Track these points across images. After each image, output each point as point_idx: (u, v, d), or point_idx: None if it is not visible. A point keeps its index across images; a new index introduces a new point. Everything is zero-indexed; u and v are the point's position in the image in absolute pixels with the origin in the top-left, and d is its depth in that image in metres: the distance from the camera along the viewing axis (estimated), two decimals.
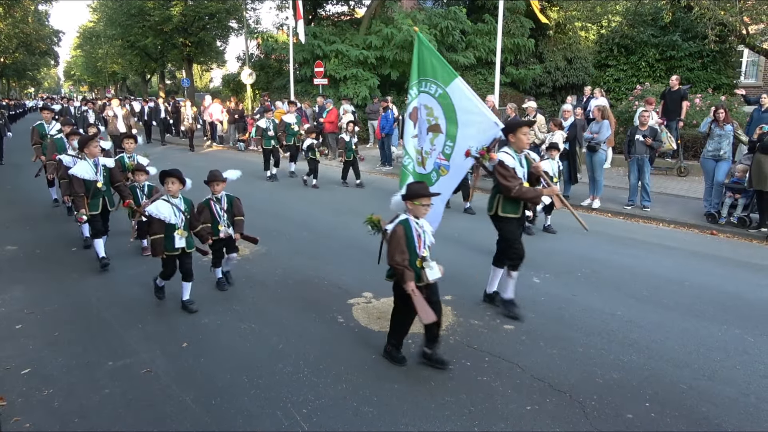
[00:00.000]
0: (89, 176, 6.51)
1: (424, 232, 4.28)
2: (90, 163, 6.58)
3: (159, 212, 5.12)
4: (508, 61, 21.62)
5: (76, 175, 6.41)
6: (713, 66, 19.52)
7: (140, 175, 6.92)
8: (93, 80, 64.90)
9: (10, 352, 4.65)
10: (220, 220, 5.71)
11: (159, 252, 5.22)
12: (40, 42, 44.20)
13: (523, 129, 5.23)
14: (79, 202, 6.43)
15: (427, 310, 3.99)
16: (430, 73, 5.57)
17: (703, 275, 6.59)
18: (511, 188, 5.02)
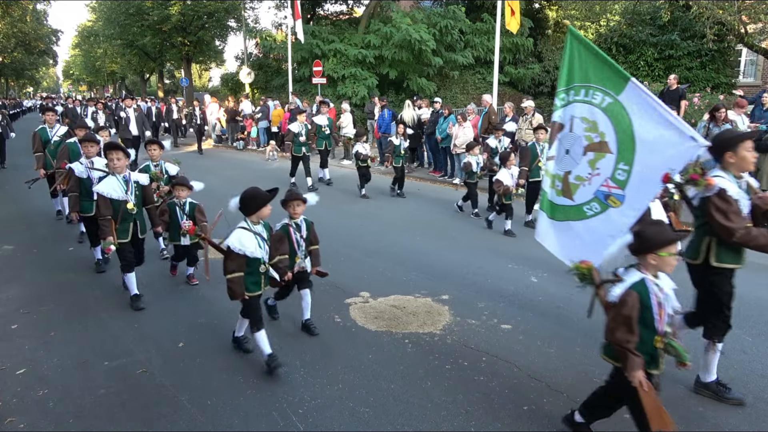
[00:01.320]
0: (118, 195, 5.29)
1: (666, 297, 3.13)
2: (119, 179, 5.34)
3: (244, 247, 4.03)
4: (506, 61, 21.63)
5: (102, 193, 5.22)
6: (712, 65, 19.52)
7: (181, 191, 5.91)
8: (92, 80, 64.89)
9: (5, 352, 4.63)
10: (298, 250, 4.72)
11: (239, 294, 4.10)
12: (38, 41, 44.18)
13: (747, 144, 3.83)
14: (105, 228, 5.18)
15: (663, 413, 2.99)
16: (593, 79, 4.28)
17: None
18: (734, 230, 3.63)
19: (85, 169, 6.33)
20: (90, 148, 6.39)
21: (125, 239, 5.41)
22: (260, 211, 4.11)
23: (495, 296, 5.79)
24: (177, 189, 5.92)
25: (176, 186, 5.94)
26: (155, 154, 6.77)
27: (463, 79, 22.50)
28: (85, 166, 6.37)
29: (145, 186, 5.65)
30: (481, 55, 22.01)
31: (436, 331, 5.00)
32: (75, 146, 7.57)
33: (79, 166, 6.37)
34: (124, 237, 5.38)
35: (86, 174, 6.28)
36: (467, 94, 21.92)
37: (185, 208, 5.92)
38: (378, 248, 7.57)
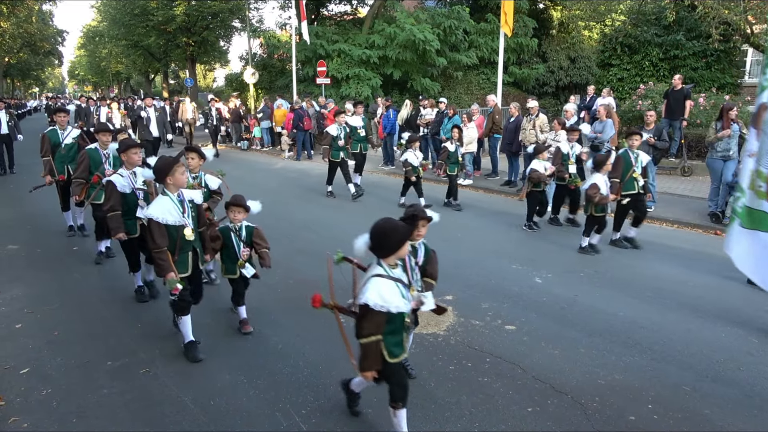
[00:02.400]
0: (174, 219, 4.30)
1: None
2: (174, 199, 4.35)
3: (387, 302, 3.03)
4: (510, 61, 21.58)
5: (156, 219, 4.21)
6: (717, 65, 19.43)
7: (237, 213, 4.85)
8: (97, 80, 65.15)
9: (9, 351, 4.64)
10: (413, 281, 3.81)
11: (375, 364, 3.18)
12: (44, 42, 44.33)
13: None
14: (164, 263, 4.21)
15: None
16: None
17: (706, 275, 6.53)
18: None
19: (128, 182, 5.39)
20: (133, 155, 5.42)
21: (185, 273, 4.44)
22: (400, 250, 3.13)
23: (499, 297, 5.77)
24: (232, 211, 4.86)
25: (231, 207, 4.87)
26: (194, 163, 5.61)
27: (467, 79, 22.45)
28: (128, 179, 5.41)
29: (200, 205, 4.66)
30: (485, 55, 21.96)
31: (439, 331, 4.98)
32: (95, 153, 6.70)
33: (119, 178, 5.37)
34: (183, 271, 4.42)
35: (129, 188, 5.39)
36: (471, 94, 21.88)
37: (241, 233, 4.91)
38: None
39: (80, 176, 6.63)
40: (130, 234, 5.46)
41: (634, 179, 7.43)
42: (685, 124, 12.86)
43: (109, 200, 5.30)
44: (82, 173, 6.62)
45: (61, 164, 7.75)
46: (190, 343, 4.50)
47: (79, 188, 6.63)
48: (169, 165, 4.27)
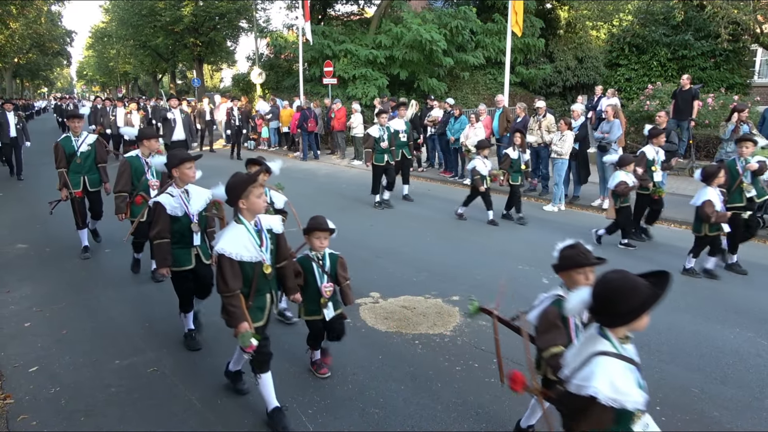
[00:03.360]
0: (250, 255, 3.38)
1: None
2: (250, 228, 3.42)
3: (622, 396, 2.16)
4: (517, 61, 21.54)
5: (229, 255, 3.30)
6: (726, 65, 19.32)
7: (323, 239, 3.97)
8: (105, 80, 65.48)
9: (18, 349, 4.67)
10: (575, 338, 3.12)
11: None
12: (52, 42, 44.63)
13: None
14: (235, 309, 3.30)
15: None
16: None
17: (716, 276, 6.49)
18: None
19: (180, 202, 4.38)
20: (187, 171, 4.39)
21: (260, 321, 3.49)
22: (639, 320, 2.31)
23: (506, 297, 5.73)
24: (316, 237, 3.94)
25: (315, 233, 3.95)
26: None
27: (473, 79, 22.43)
28: (179, 199, 4.39)
29: (280, 234, 3.66)
30: (492, 55, 21.94)
31: (446, 332, 4.98)
32: (137, 162, 5.96)
33: (169, 199, 4.35)
34: (258, 319, 3.48)
35: (182, 210, 4.38)
36: (478, 94, 21.86)
37: (325, 264, 4.00)
38: (388, 249, 7.56)
39: (123, 189, 5.87)
40: (182, 266, 4.44)
41: (740, 191, 6.76)
42: (693, 124, 12.79)
43: (156, 224, 4.29)
44: (125, 186, 5.87)
45: (77, 176, 6.92)
46: (276, 411, 3.57)
47: (123, 204, 5.89)
48: (244, 185, 3.33)
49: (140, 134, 6.23)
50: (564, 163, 9.83)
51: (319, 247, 3.97)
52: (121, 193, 5.89)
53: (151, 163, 5.85)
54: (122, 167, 5.93)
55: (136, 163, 5.99)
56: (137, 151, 6.06)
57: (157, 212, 4.31)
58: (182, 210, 4.38)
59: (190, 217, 4.44)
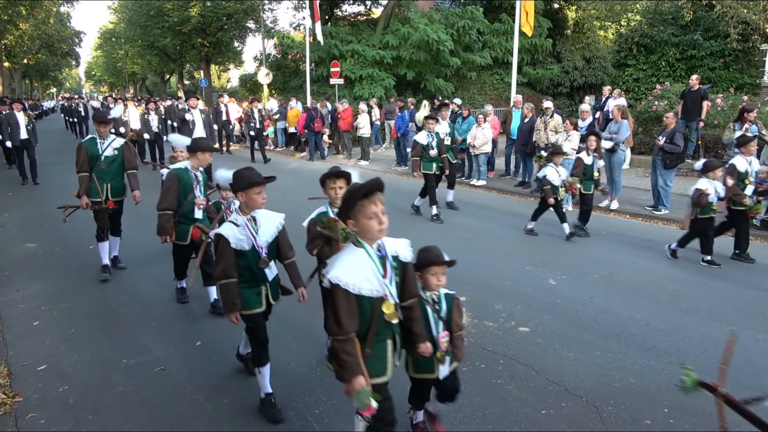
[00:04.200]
0: (372, 288, 2.62)
1: None
2: (372, 254, 2.67)
3: None
4: (524, 61, 21.49)
5: (346, 286, 2.57)
6: (735, 65, 19.20)
7: (440, 275, 3.13)
8: (113, 80, 65.93)
9: (27, 348, 4.70)
10: None
11: None
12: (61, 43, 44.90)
13: None
14: (351, 359, 2.56)
15: None
16: None
17: (724, 278, 6.45)
18: None
19: (246, 234, 3.56)
20: (255, 196, 3.57)
21: (382, 377, 2.79)
22: None
23: (512, 298, 5.74)
24: (426, 274, 3.09)
25: (431, 268, 3.08)
26: (342, 194, 3.75)
27: (480, 79, 22.40)
28: (245, 228, 3.57)
29: (406, 264, 2.83)
30: (499, 55, 21.91)
31: None
32: (186, 176, 5.16)
33: (233, 230, 3.54)
34: (379, 372, 2.77)
35: (249, 243, 3.56)
36: (485, 94, 21.83)
37: (441, 307, 3.15)
38: None
39: (168, 207, 5.04)
40: (251, 309, 3.66)
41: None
42: (702, 125, 12.71)
43: (220, 261, 3.52)
44: (171, 203, 5.07)
45: (101, 182, 6.20)
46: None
47: (168, 224, 5.09)
48: (353, 199, 2.57)
49: (194, 145, 5.22)
50: (570, 164, 9.78)
51: (436, 286, 3.10)
52: (165, 212, 5.06)
53: (200, 178, 5.29)
54: (169, 181, 5.11)
55: (184, 178, 5.14)
56: (186, 163, 5.21)
57: (221, 247, 3.54)
58: (249, 242, 3.58)
59: (259, 251, 3.62)
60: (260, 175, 3.59)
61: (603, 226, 8.53)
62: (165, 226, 5.09)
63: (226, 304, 3.58)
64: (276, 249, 3.75)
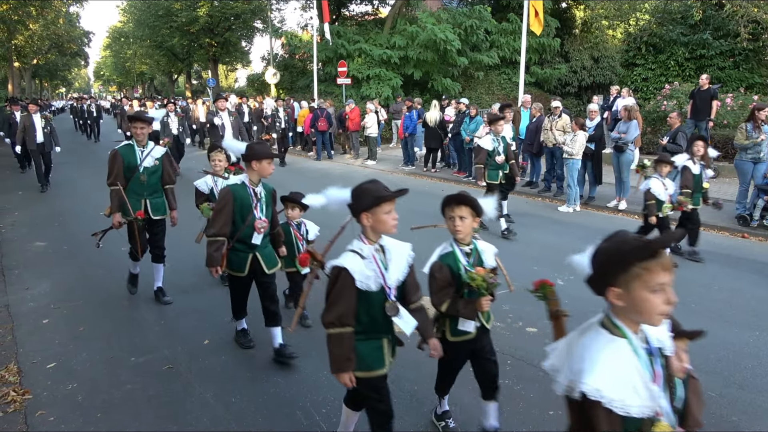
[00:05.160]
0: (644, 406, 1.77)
1: None
2: (637, 346, 1.85)
3: None
4: (532, 61, 21.41)
5: (616, 408, 1.71)
6: (745, 65, 19.04)
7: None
8: (121, 80, 66.33)
9: (36, 346, 4.73)
10: None
11: None
12: (71, 43, 45.25)
13: None
14: None
15: None
16: None
17: (733, 279, 6.40)
18: None
19: (374, 270, 2.74)
20: (385, 216, 2.72)
21: None
22: None
23: (520, 299, 5.68)
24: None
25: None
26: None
27: (488, 79, 22.34)
28: (372, 262, 2.75)
29: None
30: (506, 55, 21.83)
31: None
32: (243, 192, 4.16)
33: (359, 264, 2.72)
34: None
35: (377, 281, 2.74)
36: (492, 94, 21.76)
37: None
38: None
39: (220, 232, 4.07)
40: (373, 370, 2.86)
41: None
42: (712, 125, 12.62)
43: (336, 304, 2.68)
44: (223, 227, 4.07)
45: (137, 198, 5.32)
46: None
47: (219, 254, 4.10)
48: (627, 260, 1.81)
49: (250, 152, 4.09)
50: (576, 163, 9.75)
51: None
52: (217, 238, 4.09)
53: (260, 194, 4.23)
54: (223, 200, 4.11)
55: (241, 195, 4.13)
56: (243, 177, 4.20)
57: (340, 285, 2.67)
58: (377, 281, 2.71)
59: (387, 293, 2.75)
60: (388, 188, 2.71)
61: (611, 226, 8.46)
62: (215, 256, 4.08)
63: (337, 362, 2.73)
64: (401, 289, 2.88)
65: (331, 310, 2.68)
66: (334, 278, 2.70)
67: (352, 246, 2.78)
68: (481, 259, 3.28)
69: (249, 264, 4.24)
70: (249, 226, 4.18)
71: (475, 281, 3.01)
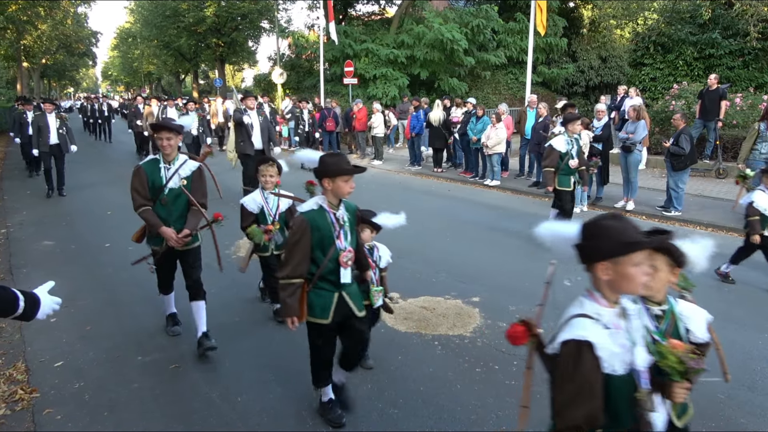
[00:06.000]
0: None
1: None
2: None
3: None
4: (539, 61, 21.36)
5: None
6: (755, 64, 18.92)
7: None
8: (129, 80, 66.67)
9: (44, 344, 4.76)
10: None
11: None
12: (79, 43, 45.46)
13: None
14: None
15: None
16: None
17: (742, 281, 6.34)
18: None
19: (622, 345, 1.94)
20: (633, 269, 1.90)
21: None
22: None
23: (527, 299, 5.69)
24: None
25: None
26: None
27: (495, 79, 22.30)
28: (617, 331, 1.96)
29: None
30: (513, 54, 21.79)
31: (466, 333, 4.94)
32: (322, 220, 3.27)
33: (603, 336, 1.91)
34: None
35: (626, 363, 1.94)
36: (499, 94, 21.72)
37: None
38: (409, 249, 7.53)
39: (296, 273, 3.22)
40: None
41: None
42: (721, 125, 12.53)
43: (578, 402, 1.88)
44: (301, 266, 3.24)
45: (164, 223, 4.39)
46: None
47: (295, 299, 3.24)
48: None
49: (327, 167, 3.23)
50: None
51: None
52: (292, 281, 3.22)
53: (343, 219, 3.33)
54: (297, 232, 3.22)
55: (319, 223, 3.24)
56: (319, 200, 3.29)
57: (573, 362, 1.90)
58: (626, 363, 1.94)
59: (639, 380, 1.97)
60: (638, 228, 1.98)
61: None
62: (292, 304, 3.22)
63: None
64: None
65: (574, 409, 1.86)
66: (566, 358, 1.93)
67: (585, 308, 2.03)
68: (678, 327, 2.51)
69: (335, 307, 3.35)
70: (332, 259, 3.30)
71: (667, 360, 2.00)
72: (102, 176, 13.66)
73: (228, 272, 5.88)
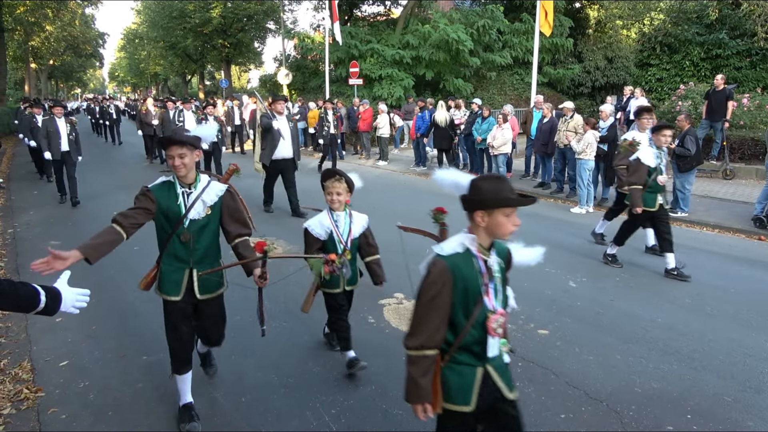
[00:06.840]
0: None
1: None
2: None
3: None
4: (545, 61, 21.31)
5: None
6: (763, 64, 18.81)
7: None
8: (136, 81, 66.97)
9: (49, 344, 4.77)
10: None
11: None
12: (86, 44, 45.79)
13: None
14: None
15: None
16: None
17: (749, 282, 6.30)
18: None
19: None
20: None
21: None
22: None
23: (532, 300, 5.67)
24: None
25: None
26: None
27: (500, 79, 22.26)
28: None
29: None
30: (519, 55, 21.75)
31: None
32: (468, 267, 2.40)
33: None
34: None
35: None
36: (505, 94, 21.68)
37: None
38: (414, 249, 7.51)
39: (431, 342, 2.32)
40: None
41: None
42: (727, 125, 12.46)
43: None
44: (437, 332, 2.34)
45: (181, 266, 3.49)
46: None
47: (429, 378, 2.36)
48: None
49: (474, 196, 2.41)
50: (586, 164, 9.68)
51: None
52: (426, 353, 2.34)
53: (494, 268, 2.53)
54: (434, 285, 2.32)
55: (464, 272, 2.36)
56: (466, 240, 2.47)
57: None
58: None
59: None
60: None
61: None
62: (424, 386, 2.34)
63: None
64: None
65: None
66: None
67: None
68: None
69: (478, 389, 2.39)
70: (477, 324, 2.36)
71: None
72: (110, 178, 13.71)
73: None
